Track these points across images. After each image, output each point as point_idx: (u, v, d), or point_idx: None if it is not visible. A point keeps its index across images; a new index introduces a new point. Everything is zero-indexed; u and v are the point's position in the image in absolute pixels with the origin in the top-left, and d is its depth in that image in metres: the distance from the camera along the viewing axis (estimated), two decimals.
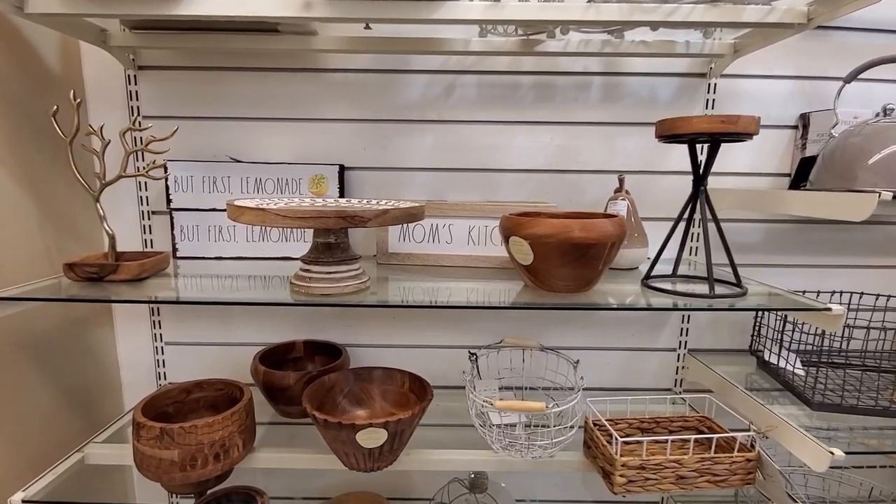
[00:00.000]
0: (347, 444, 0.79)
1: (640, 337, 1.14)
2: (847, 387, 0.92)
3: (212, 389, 0.95)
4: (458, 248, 0.99)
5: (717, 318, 1.14)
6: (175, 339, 1.14)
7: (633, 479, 0.77)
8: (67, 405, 1.02)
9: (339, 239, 0.77)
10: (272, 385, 0.96)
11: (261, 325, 1.14)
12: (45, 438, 0.95)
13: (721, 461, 0.79)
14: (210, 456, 0.80)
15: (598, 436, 0.83)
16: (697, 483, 0.79)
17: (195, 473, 0.79)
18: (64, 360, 1.01)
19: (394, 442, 0.80)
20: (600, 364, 1.15)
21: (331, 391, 0.94)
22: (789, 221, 1.10)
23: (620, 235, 0.73)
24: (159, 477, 0.79)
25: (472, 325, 1.14)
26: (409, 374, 0.95)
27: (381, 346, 1.14)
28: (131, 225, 1.08)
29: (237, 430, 0.83)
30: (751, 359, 1.09)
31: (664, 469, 0.78)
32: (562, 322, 1.14)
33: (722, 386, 0.99)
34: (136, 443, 0.79)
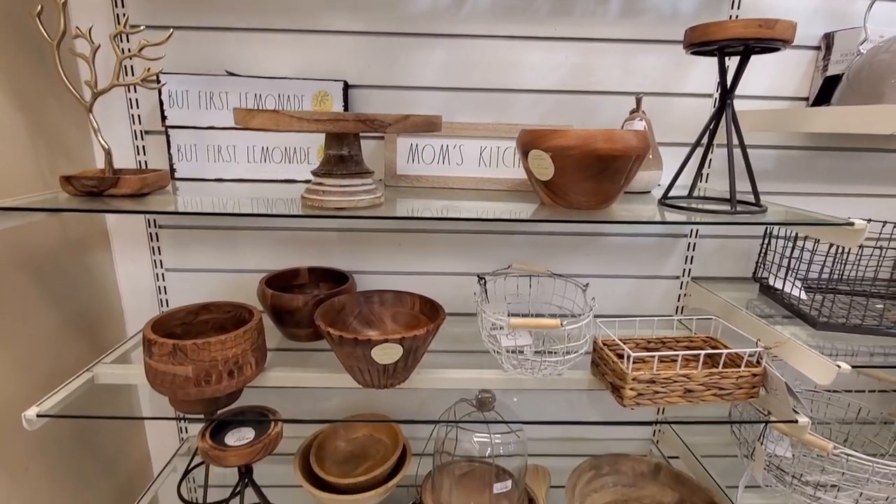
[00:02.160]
0: (362, 361, 0.80)
1: (647, 265, 1.14)
2: (851, 310, 0.94)
3: (220, 312, 0.94)
4: (469, 170, 0.96)
5: (724, 246, 1.14)
6: (176, 265, 1.12)
7: (642, 392, 0.79)
8: (72, 330, 1.01)
9: (353, 151, 0.74)
10: (280, 308, 0.95)
11: (264, 252, 1.12)
12: (52, 361, 0.95)
13: (728, 376, 0.81)
14: (224, 372, 0.80)
15: (608, 353, 0.85)
16: (704, 396, 0.81)
17: (210, 389, 0.79)
18: (65, 285, 0.98)
19: (408, 359, 0.81)
20: (606, 292, 1.15)
21: (341, 312, 0.93)
22: (803, 148, 1.08)
23: (644, 149, 0.71)
24: (174, 392, 0.79)
25: (479, 251, 1.13)
26: (419, 297, 0.95)
27: (387, 273, 1.13)
28: (123, 146, 1.02)
29: (250, 349, 0.83)
30: (753, 286, 1.11)
31: (673, 383, 0.80)
32: (569, 249, 1.13)
33: (725, 310, 1.00)
34: (148, 360, 0.79)
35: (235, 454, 0.85)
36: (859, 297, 1.02)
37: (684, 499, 1.01)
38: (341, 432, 1.13)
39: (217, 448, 0.86)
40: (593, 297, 0.89)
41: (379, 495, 0.97)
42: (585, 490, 1.03)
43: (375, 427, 1.14)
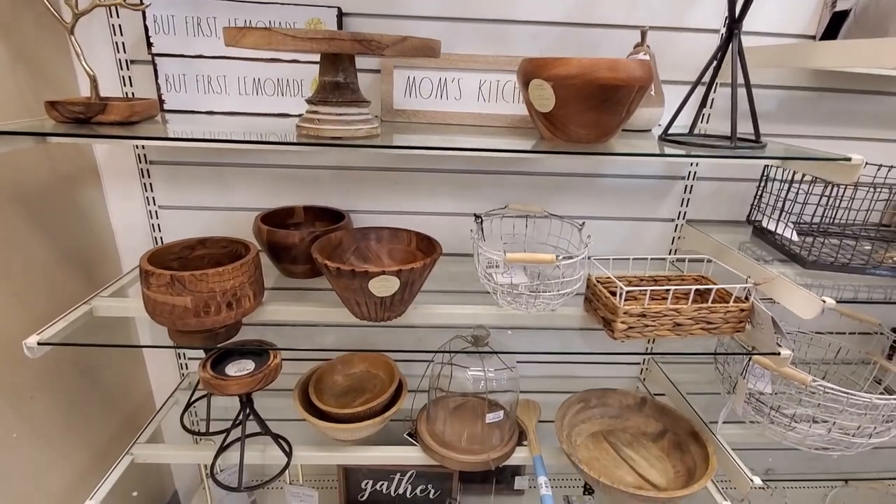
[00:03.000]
0: (359, 294, 0.81)
1: (643, 207, 1.15)
2: (840, 251, 0.95)
3: (216, 247, 0.94)
4: (468, 105, 0.94)
5: (720, 188, 1.14)
6: (169, 202, 1.11)
7: (633, 325, 0.82)
8: (67, 266, 1.00)
9: (349, 78, 0.72)
10: (276, 244, 0.95)
11: (258, 190, 1.10)
12: (49, 297, 0.95)
13: (717, 310, 0.83)
14: (223, 304, 0.81)
15: (601, 289, 0.86)
16: (692, 330, 0.84)
17: (209, 320, 0.80)
18: (56, 220, 0.97)
19: (405, 292, 0.82)
20: (602, 233, 1.16)
21: (338, 248, 0.93)
22: (808, 88, 1.06)
23: (647, 80, 0.70)
24: (173, 323, 0.80)
25: (476, 191, 1.12)
26: (415, 234, 0.95)
27: (383, 213, 1.13)
28: (108, 77, 0.98)
29: (247, 281, 0.83)
30: (747, 229, 1.12)
31: (663, 317, 0.82)
32: (566, 190, 1.13)
33: (718, 252, 1.01)
34: (147, 291, 0.79)
35: (237, 383, 0.87)
36: (849, 240, 1.04)
37: (667, 429, 1.06)
38: (339, 367, 1.16)
39: (218, 378, 0.88)
40: (589, 235, 0.90)
41: (376, 425, 1.01)
42: (573, 421, 1.07)
43: (372, 363, 1.17)
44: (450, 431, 1.07)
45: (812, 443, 0.96)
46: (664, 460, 1.02)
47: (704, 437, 0.99)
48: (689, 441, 1.01)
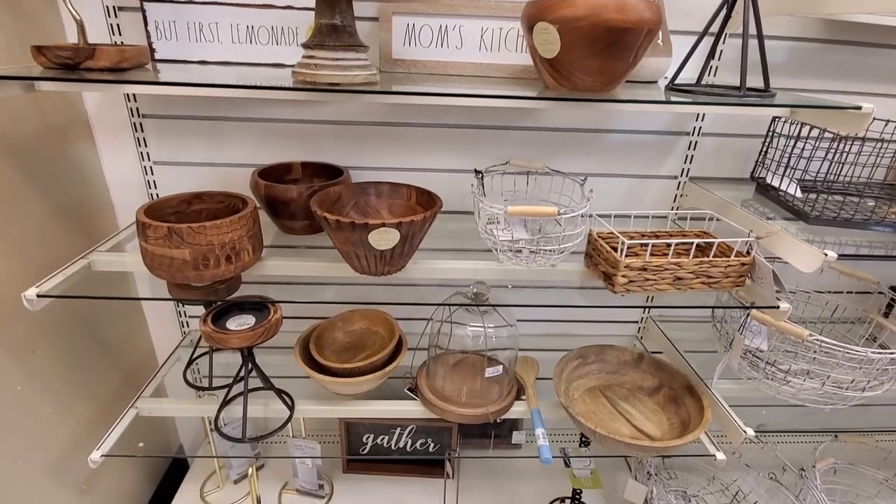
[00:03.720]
0: (359, 247, 0.80)
1: (646, 164, 1.13)
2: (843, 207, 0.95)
3: (213, 202, 0.93)
4: (469, 55, 0.91)
5: (724, 145, 1.12)
6: (163, 158, 1.08)
7: (633, 279, 0.81)
8: (62, 221, 0.99)
9: (346, 21, 0.69)
10: (274, 199, 0.94)
11: (255, 145, 1.08)
12: (45, 252, 0.94)
13: (717, 264, 0.83)
14: (222, 257, 0.80)
15: (603, 244, 0.86)
16: (692, 284, 0.84)
17: (209, 273, 0.80)
18: (50, 174, 0.96)
19: (405, 245, 0.81)
20: (603, 190, 1.15)
21: (337, 203, 0.92)
22: (818, 40, 1.03)
23: (657, 23, 0.67)
24: (172, 276, 0.80)
25: (477, 147, 1.10)
26: (415, 188, 0.94)
27: (382, 169, 1.11)
28: (95, 24, 0.94)
29: (246, 235, 0.82)
30: (750, 187, 1.11)
31: (664, 271, 0.82)
32: (568, 147, 1.11)
33: (720, 208, 1.01)
34: (144, 244, 0.78)
35: (238, 336, 0.88)
36: (853, 198, 1.03)
37: (663, 383, 1.08)
38: (339, 324, 1.16)
39: (219, 331, 0.88)
40: (591, 189, 0.89)
41: (376, 379, 1.02)
42: (571, 376, 1.09)
43: (373, 320, 1.18)
44: (449, 387, 1.08)
45: (806, 397, 0.98)
46: (659, 413, 1.04)
47: (700, 391, 1.01)
48: (685, 395, 1.03)
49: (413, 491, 1.30)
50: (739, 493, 1.30)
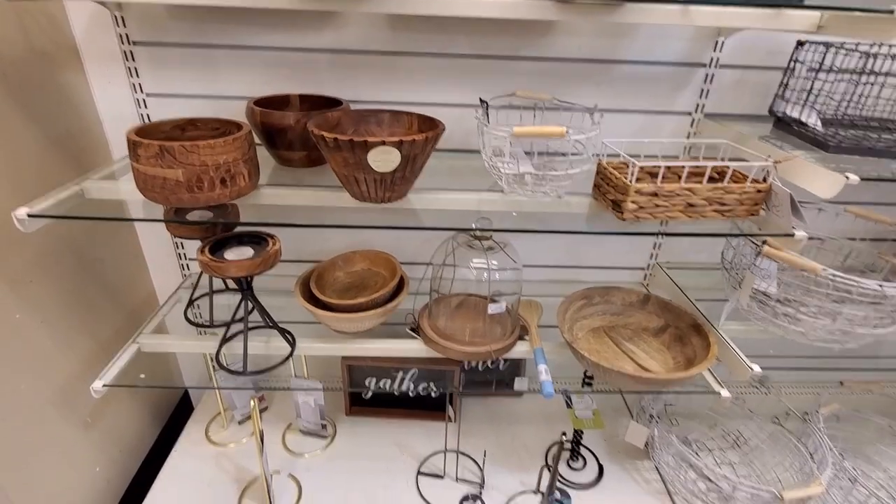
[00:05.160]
0: (358, 169, 0.77)
1: (659, 98, 1.08)
2: (864, 139, 0.90)
3: (207, 128, 0.89)
4: None
5: (742, 78, 1.07)
6: (156, 90, 1.05)
7: (643, 205, 0.78)
8: (56, 152, 0.97)
9: None
10: (271, 127, 0.91)
11: (250, 76, 1.04)
12: (38, 181, 0.92)
13: (732, 191, 0.80)
14: (216, 179, 0.78)
15: (612, 170, 0.82)
16: (705, 212, 0.81)
17: (203, 196, 0.78)
18: (41, 104, 0.93)
19: (406, 169, 0.78)
20: (614, 127, 1.10)
21: (336, 128, 0.89)
22: None
23: None
24: (166, 198, 0.77)
25: (482, 79, 1.06)
26: (417, 115, 0.90)
27: (382, 102, 1.07)
28: None
29: (241, 158, 0.79)
30: (768, 124, 1.06)
31: (676, 196, 0.79)
32: (578, 79, 1.06)
33: (737, 142, 0.96)
34: (136, 164, 0.76)
35: (236, 266, 0.86)
36: (873, 132, 0.98)
37: (669, 324, 1.06)
38: (340, 264, 1.14)
39: (217, 261, 0.86)
40: (601, 114, 0.85)
41: (378, 316, 1.00)
42: (575, 316, 1.07)
43: (374, 260, 1.16)
44: (452, 327, 1.07)
45: (816, 335, 0.96)
46: (664, 352, 1.03)
47: (706, 330, 0.99)
48: (691, 334, 1.01)
49: (415, 433, 1.31)
50: (741, 437, 1.30)
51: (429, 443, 1.28)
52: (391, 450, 1.26)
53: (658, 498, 1.17)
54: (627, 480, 1.21)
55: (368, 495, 1.14)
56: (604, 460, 1.26)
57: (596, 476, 1.22)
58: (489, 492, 1.17)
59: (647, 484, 1.20)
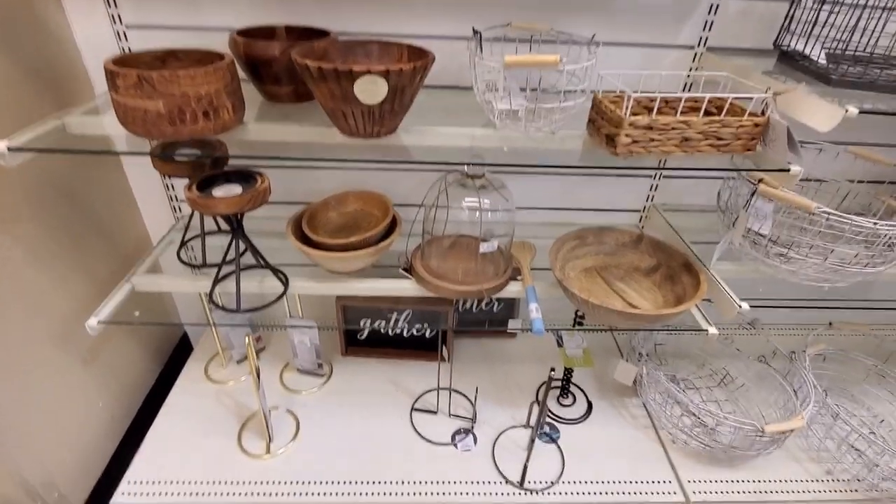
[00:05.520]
0: (345, 102, 0.75)
1: (660, 31, 1.04)
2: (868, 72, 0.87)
3: (189, 60, 0.86)
4: None
5: (748, 9, 1.02)
6: (136, 21, 1.00)
7: (637, 139, 0.77)
8: (35, 86, 0.94)
9: None
10: (255, 58, 0.88)
11: (234, 5, 0.99)
12: (17, 116, 0.89)
13: (729, 124, 0.77)
14: (199, 111, 0.75)
15: (607, 104, 0.80)
16: (700, 146, 0.79)
17: (186, 129, 0.76)
18: (16, 34, 0.89)
19: (394, 101, 0.76)
20: (612, 61, 1.05)
21: (322, 59, 0.85)
22: None
23: None
24: (148, 131, 0.75)
25: (477, 10, 1.01)
26: (407, 46, 0.87)
27: (370, 35, 1.03)
28: None
29: (224, 90, 0.77)
30: (771, 60, 1.02)
31: (671, 130, 0.77)
32: (576, 12, 1.02)
33: (739, 75, 0.93)
34: (115, 95, 0.74)
35: (224, 202, 0.85)
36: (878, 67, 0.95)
37: (661, 263, 1.06)
38: (333, 204, 1.13)
39: (205, 198, 0.85)
40: (598, 45, 0.81)
41: (370, 255, 1.00)
42: (568, 256, 1.07)
43: (367, 201, 1.15)
44: (444, 267, 1.07)
45: (807, 273, 0.96)
46: (654, 291, 1.04)
47: (697, 268, 0.99)
48: (682, 273, 1.02)
49: (409, 373, 1.34)
50: (728, 376, 1.33)
51: (423, 381, 1.32)
52: (386, 387, 1.30)
53: (644, 432, 1.21)
54: (615, 416, 1.25)
55: (364, 429, 1.19)
56: (593, 397, 1.30)
57: (585, 412, 1.26)
58: (480, 426, 1.21)
59: (633, 419, 1.25)
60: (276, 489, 1.05)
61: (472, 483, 1.08)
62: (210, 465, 1.09)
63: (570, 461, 1.13)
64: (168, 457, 1.10)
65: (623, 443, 1.19)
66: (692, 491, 1.08)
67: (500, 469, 1.10)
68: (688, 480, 1.10)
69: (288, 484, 1.06)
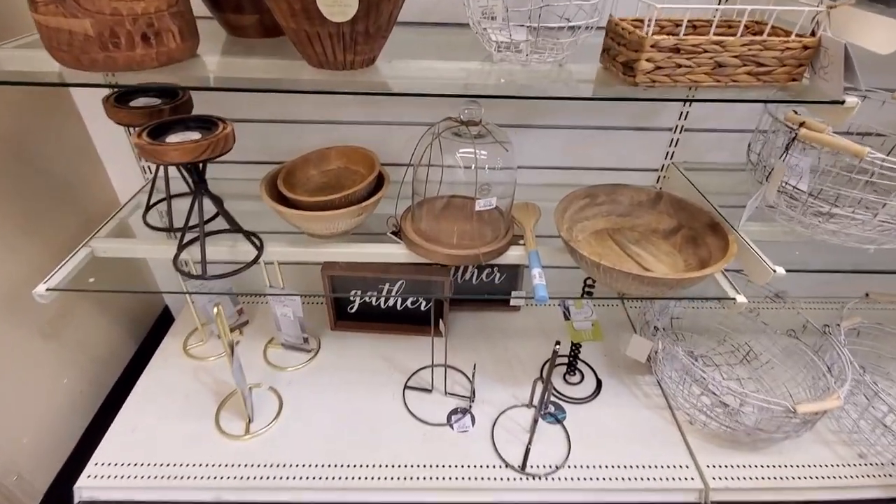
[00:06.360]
0: (309, 20, 0.62)
1: None
2: None
3: None
4: None
5: None
6: None
7: (661, 64, 0.64)
8: None
9: None
10: None
11: None
12: None
13: (772, 46, 0.64)
14: (136, 35, 0.63)
15: (626, 26, 0.67)
16: (736, 75, 0.66)
17: (121, 55, 0.64)
18: None
19: (368, 19, 0.63)
20: None
21: None
22: None
23: None
24: (76, 59, 0.64)
25: None
26: None
27: None
28: None
29: (166, 9, 0.65)
30: None
31: (701, 53, 0.63)
32: None
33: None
34: (35, 14, 0.62)
35: (177, 149, 0.73)
36: None
37: (682, 224, 0.94)
38: (313, 161, 1.02)
39: (156, 144, 0.74)
40: None
41: (353, 215, 0.89)
42: (576, 217, 0.95)
43: (351, 158, 1.03)
44: (437, 229, 0.96)
45: (851, 233, 0.83)
46: (674, 255, 0.92)
47: (724, 228, 0.87)
48: (706, 234, 0.89)
49: (403, 348, 1.24)
50: (751, 353, 1.22)
51: (417, 357, 1.21)
52: (377, 363, 1.20)
53: (658, 413, 1.10)
54: (626, 395, 1.15)
55: (352, 408, 1.09)
56: (602, 375, 1.19)
57: (594, 390, 1.15)
58: (479, 405, 1.11)
59: (647, 398, 1.14)
60: (255, 472, 0.96)
61: (470, 467, 0.98)
62: (184, 448, 1.00)
63: (577, 444, 1.03)
64: (138, 438, 1.01)
65: (635, 424, 1.08)
66: (711, 477, 0.97)
67: (500, 452, 1.00)
68: (707, 465, 0.99)
69: (268, 467, 0.97)
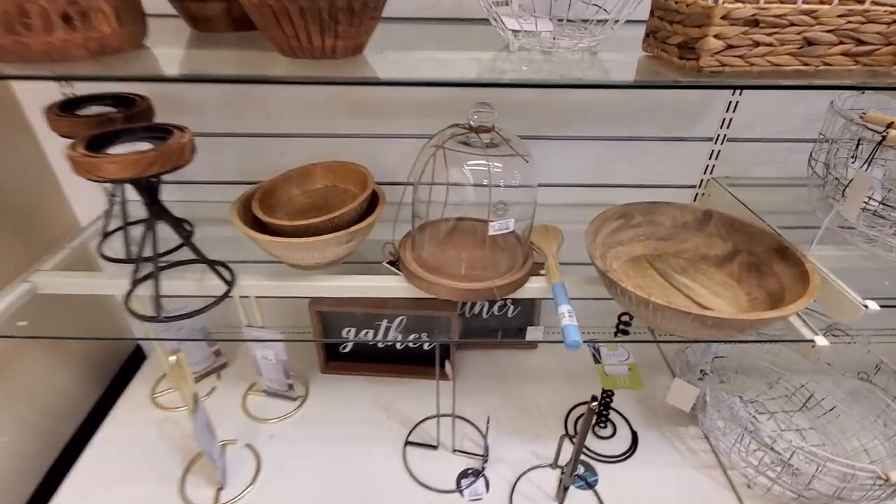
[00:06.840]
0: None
1: None
2: None
3: None
4: None
5: None
6: None
7: (734, 43, 0.49)
8: None
9: None
10: None
11: None
12: None
13: (876, 18, 0.49)
14: (55, 14, 0.49)
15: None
16: (829, 56, 0.51)
17: (35, 39, 0.50)
18: None
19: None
20: None
21: None
22: None
23: None
24: None
25: None
26: None
27: None
28: None
29: None
30: None
31: (787, 28, 0.49)
32: None
33: None
34: None
35: (115, 162, 0.58)
36: None
37: (739, 248, 0.77)
38: (296, 179, 0.87)
39: (90, 156, 0.59)
40: None
41: (341, 241, 0.74)
42: (609, 241, 0.79)
43: (340, 175, 0.88)
44: (442, 257, 0.80)
45: None
46: (733, 287, 0.75)
47: (796, 254, 0.71)
48: (772, 260, 0.73)
49: (403, 394, 1.07)
50: (812, 398, 1.03)
51: (421, 405, 1.04)
52: (374, 413, 1.03)
53: (708, 473, 0.92)
54: (668, 450, 0.97)
55: (343, 470, 0.92)
56: (637, 426, 1.01)
57: (629, 446, 0.97)
58: (494, 465, 0.93)
59: (693, 455, 0.96)
60: None
61: None
62: None
63: None
64: None
65: (682, 488, 0.90)
66: None
67: None
68: None
69: None
